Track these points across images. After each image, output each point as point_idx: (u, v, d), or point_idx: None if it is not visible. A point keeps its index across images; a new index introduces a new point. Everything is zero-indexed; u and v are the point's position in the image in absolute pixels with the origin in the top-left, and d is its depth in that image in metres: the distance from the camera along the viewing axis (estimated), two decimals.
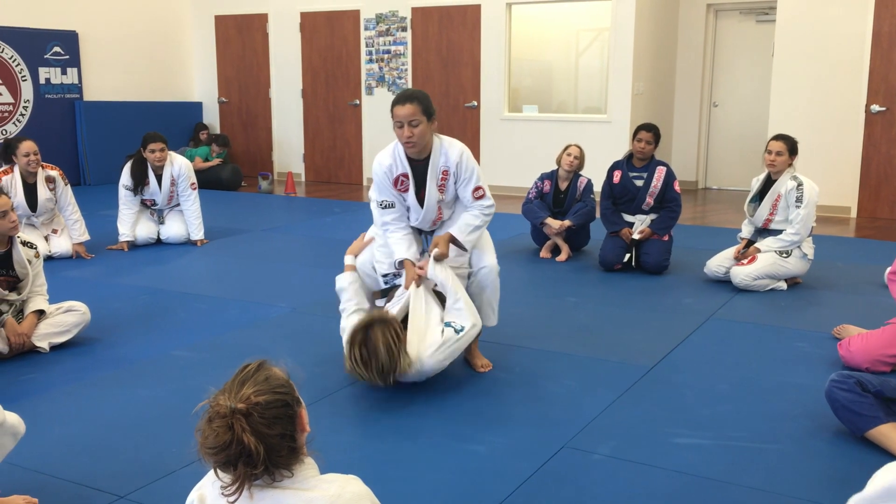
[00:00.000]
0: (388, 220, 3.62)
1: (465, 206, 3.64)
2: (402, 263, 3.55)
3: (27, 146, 5.67)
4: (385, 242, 3.63)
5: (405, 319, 3.39)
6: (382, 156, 3.61)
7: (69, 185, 5.97)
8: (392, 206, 3.61)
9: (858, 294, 5.02)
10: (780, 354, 3.91)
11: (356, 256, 3.76)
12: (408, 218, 3.67)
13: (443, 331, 3.31)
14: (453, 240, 3.56)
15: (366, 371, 3.15)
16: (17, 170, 5.73)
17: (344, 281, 3.68)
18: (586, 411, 3.21)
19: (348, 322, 3.50)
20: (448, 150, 3.55)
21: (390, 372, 3.17)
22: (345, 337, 3.32)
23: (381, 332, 3.13)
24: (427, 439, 2.97)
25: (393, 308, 3.44)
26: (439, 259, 3.49)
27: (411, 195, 3.60)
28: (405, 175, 3.57)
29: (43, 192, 5.81)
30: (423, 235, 3.80)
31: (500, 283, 3.73)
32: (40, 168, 5.78)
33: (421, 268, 3.47)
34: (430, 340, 3.28)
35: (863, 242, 6.81)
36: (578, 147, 6.10)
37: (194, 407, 1.64)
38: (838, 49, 7.90)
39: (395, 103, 3.43)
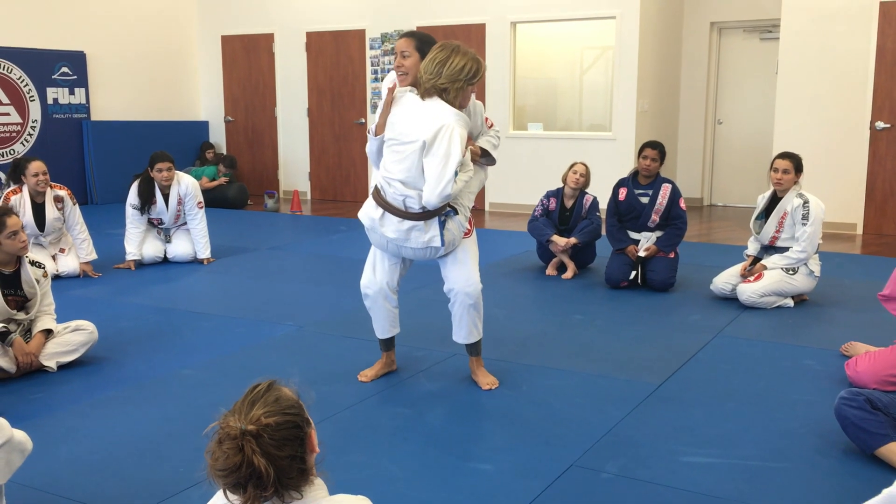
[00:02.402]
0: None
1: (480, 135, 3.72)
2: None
3: (36, 166, 5.71)
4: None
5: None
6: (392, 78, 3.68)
7: (77, 205, 6.00)
8: None
9: (866, 311, 5.01)
10: (789, 372, 3.90)
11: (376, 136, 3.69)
12: None
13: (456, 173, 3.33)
14: (483, 153, 3.66)
15: (425, 73, 3.30)
16: (25, 189, 5.76)
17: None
18: (594, 429, 3.20)
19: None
20: None
21: (440, 90, 3.30)
22: None
23: (464, 55, 3.36)
24: (435, 458, 2.97)
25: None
26: (474, 156, 3.57)
27: None
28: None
29: (51, 211, 5.85)
30: None
31: (504, 300, 3.73)
32: (49, 188, 5.82)
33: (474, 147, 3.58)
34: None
35: (869, 259, 6.80)
36: (584, 165, 6.11)
37: (202, 425, 1.64)
38: (842, 66, 7.92)
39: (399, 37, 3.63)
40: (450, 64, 3.31)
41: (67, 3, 9.87)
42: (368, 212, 3.53)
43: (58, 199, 5.88)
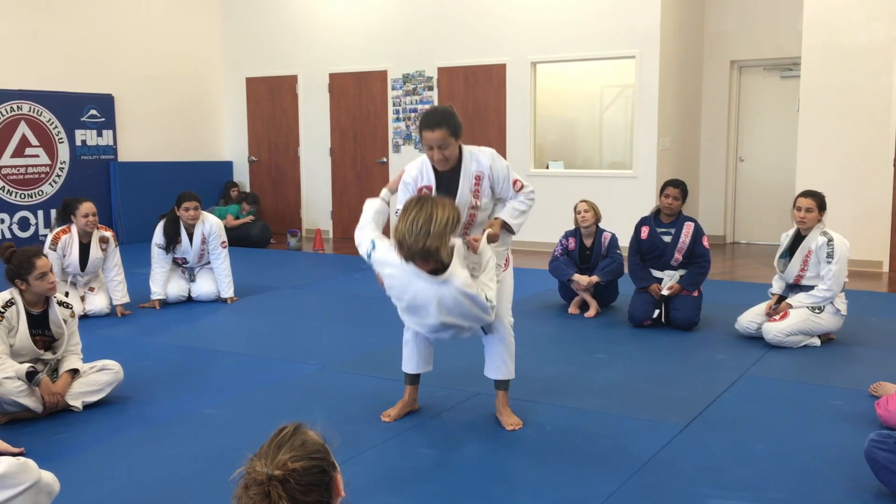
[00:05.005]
0: None
1: (508, 199, 3.66)
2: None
3: (87, 207, 5.89)
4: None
5: None
6: (411, 167, 3.67)
7: (118, 247, 6.17)
8: None
9: (894, 350, 4.94)
10: (817, 412, 3.85)
11: (391, 192, 3.75)
12: None
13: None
14: (504, 225, 3.59)
15: (409, 237, 3.02)
16: (74, 229, 5.90)
17: (372, 205, 3.69)
18: (620, 471, 3.16)
19: (361, 234, 3.60)
20: (479, 156, 3.60)
21: (432, 251, 3.03)
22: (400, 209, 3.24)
23: (443, 206, 3.08)
24: (459, 499, 2.94)
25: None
26: (491, 239, 3.50)
27: None
28: (428, 187, 3.61)
29: (95, 251, 5.98)
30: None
31: (527, 339, 3.72)
32: (96, 229, 5.95)
33: (476, 240, 3.46)
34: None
35: None
36: (585, 202, 6.10)
37: (227, 466, 1.65)
38: (864, 103, 7.90)
39: (423, 127, 3.49)
40: (435, 221, 3.03)
41: (96, 47, 10.10)
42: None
43: (103, 240, 6.04)
